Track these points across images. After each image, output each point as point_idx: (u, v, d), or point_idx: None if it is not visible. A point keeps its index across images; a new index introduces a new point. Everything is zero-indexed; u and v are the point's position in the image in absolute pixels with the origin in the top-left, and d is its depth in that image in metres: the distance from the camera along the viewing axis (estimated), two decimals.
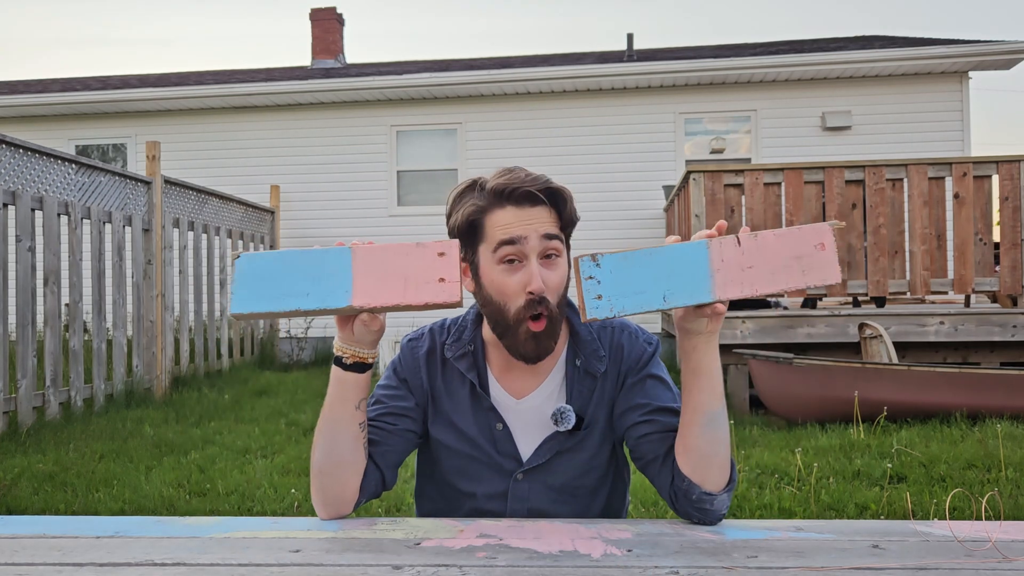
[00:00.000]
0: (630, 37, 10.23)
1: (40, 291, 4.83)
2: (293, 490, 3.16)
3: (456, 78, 8.67)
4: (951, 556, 0.91)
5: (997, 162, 5.01)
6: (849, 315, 5.03)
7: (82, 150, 9.48)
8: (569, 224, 1.17)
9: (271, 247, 8.33)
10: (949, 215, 5.10)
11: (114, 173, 5.43)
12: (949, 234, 5.07)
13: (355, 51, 53.45)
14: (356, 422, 1.12)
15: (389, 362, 1.16)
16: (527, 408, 1.21)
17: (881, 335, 4.55)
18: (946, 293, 5.05)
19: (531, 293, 1.10)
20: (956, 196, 5.01)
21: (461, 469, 1.22)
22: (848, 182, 5.09)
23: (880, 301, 5.46)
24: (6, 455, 3.81)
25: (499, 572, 0.86)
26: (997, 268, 5.09)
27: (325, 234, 8.84)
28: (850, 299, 6.05)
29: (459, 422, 1.22)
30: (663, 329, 7.82)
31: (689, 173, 5.34)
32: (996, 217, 5.23)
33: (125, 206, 5.56)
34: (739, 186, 5.20)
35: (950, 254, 5.19)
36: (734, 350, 4.89)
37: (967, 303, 5.32)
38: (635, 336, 1.24)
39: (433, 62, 10.86)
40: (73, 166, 5.03)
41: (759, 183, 5.14)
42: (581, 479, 1.21)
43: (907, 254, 5.08)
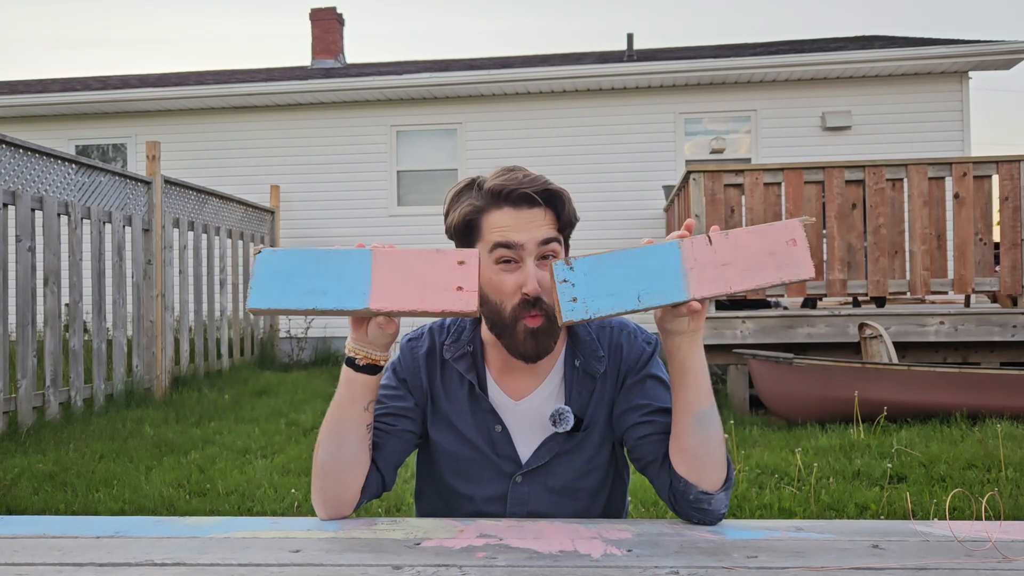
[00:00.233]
0: (630, 37, 10.24)
1: (40, 291, 4.83)
2: (293, 490, 3.16)
3: (456, 78, 8.67)
4: (951, 556, 0.91)
5: (997, 162, 5.01)
6: (849, 315, 5.03)
7: (82, 150, 9.48)
8: (568, 225, 1.16)
9: (271, 247, 8.32)
10: (949, 215, 5.10)
11: (114, 173, 5.43)
12: (949, 234, 5.07)
13: (355, 51, 53.45)
14: (363, 423, 1.12)
15: (388, 362, 1.16)
16: (526, 409, 1.20)
17: (881, 335, 4.55)
18: (946, 293, 5.05)
19: (526, 294, 1.10)
20: (956, 196, 5.01)
21: (460, 471, 1.22)
22: (848, 182, 5.09)
23: (880, 301, 5.46)
24: (6, 455, 3.81)
25: (499, 572, 0.86)
26: (997, 268, 5.09)
27: (325, 234, 8.84)
28: (850, 299, 6.05)
29: (458, 424, 1.21)
30: None
31: (689, 173, 5.34)
32: (996, 217, 5.22)
33: (125, 206, 5.56)
34: (739, 186, 5.20)
35: (950, 254, 5.18)
36: (734, 350, 4.88)
37: (967, 303, 5.32)
38: (634, 336, 1.24)
39: (433, 62, 10.86)
40: (73, 166, 5.03)
41: (759, 183, 5.14)
42: (581, 481, 1.20)
43: (907, 254, 5.08)
